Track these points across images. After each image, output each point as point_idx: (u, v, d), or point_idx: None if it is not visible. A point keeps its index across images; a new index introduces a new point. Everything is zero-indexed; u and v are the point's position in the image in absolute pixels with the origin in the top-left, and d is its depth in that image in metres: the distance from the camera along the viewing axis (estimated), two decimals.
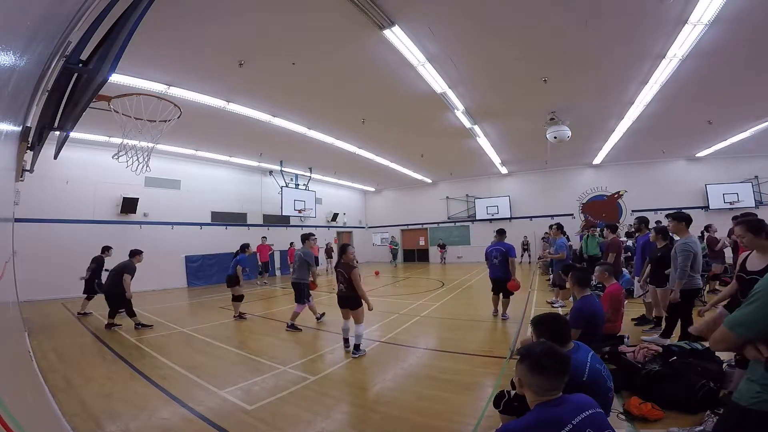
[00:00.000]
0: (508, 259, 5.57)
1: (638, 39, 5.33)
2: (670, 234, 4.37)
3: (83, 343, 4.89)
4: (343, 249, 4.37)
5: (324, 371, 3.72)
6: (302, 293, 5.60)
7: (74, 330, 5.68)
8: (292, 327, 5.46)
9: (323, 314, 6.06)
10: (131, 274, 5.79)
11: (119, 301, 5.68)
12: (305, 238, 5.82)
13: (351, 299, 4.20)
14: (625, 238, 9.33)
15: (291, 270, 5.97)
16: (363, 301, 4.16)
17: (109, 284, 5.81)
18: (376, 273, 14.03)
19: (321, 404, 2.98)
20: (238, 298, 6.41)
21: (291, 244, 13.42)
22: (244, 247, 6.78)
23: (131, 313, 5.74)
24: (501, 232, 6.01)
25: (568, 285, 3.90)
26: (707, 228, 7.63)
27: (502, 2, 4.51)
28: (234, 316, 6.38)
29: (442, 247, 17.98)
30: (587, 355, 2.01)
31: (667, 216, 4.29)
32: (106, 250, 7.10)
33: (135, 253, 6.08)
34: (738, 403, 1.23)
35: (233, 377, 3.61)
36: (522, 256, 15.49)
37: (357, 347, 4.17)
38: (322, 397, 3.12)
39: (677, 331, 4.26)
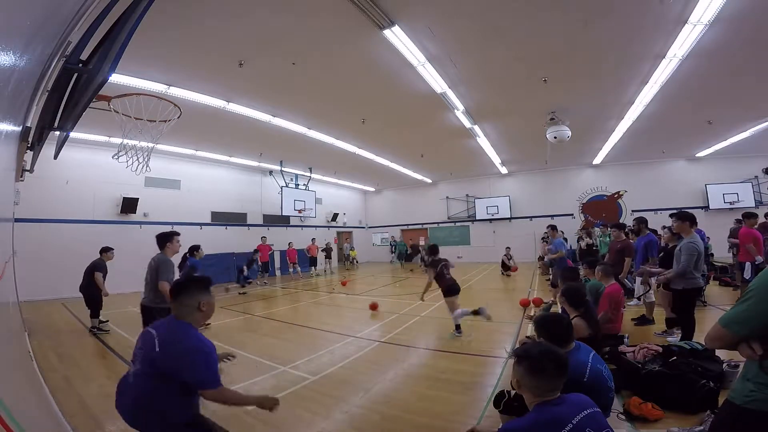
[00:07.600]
0: None
1: (638, 39, 5.33)
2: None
3: (83, 343, 4.88)
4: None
5: (324, 371, 3.72)
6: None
7: (74, 330, 5.67)
8: None
9: None
10: (102, 272, 5.62)
11: (94, 301, 5.47)
12: (167, 238, 3.66)
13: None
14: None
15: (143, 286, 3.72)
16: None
17: (83, 285, 5.56)
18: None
19: (321, 404, 2.98)
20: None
21: (289, 244, 13.51)
22: (194, 249, 6.28)
23: (95, 314, 5.50)
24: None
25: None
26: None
27: (502, 2, 4.51)
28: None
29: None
30: (588, 355, 2.01)
31: (671, 215, 4.27)
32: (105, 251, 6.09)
33: (105, 250, 5.87)
34: (733, 402, 1.22)
35: (233, 377, 3.60)
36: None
37: None
38: (322, 397, 3.11)
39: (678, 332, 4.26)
